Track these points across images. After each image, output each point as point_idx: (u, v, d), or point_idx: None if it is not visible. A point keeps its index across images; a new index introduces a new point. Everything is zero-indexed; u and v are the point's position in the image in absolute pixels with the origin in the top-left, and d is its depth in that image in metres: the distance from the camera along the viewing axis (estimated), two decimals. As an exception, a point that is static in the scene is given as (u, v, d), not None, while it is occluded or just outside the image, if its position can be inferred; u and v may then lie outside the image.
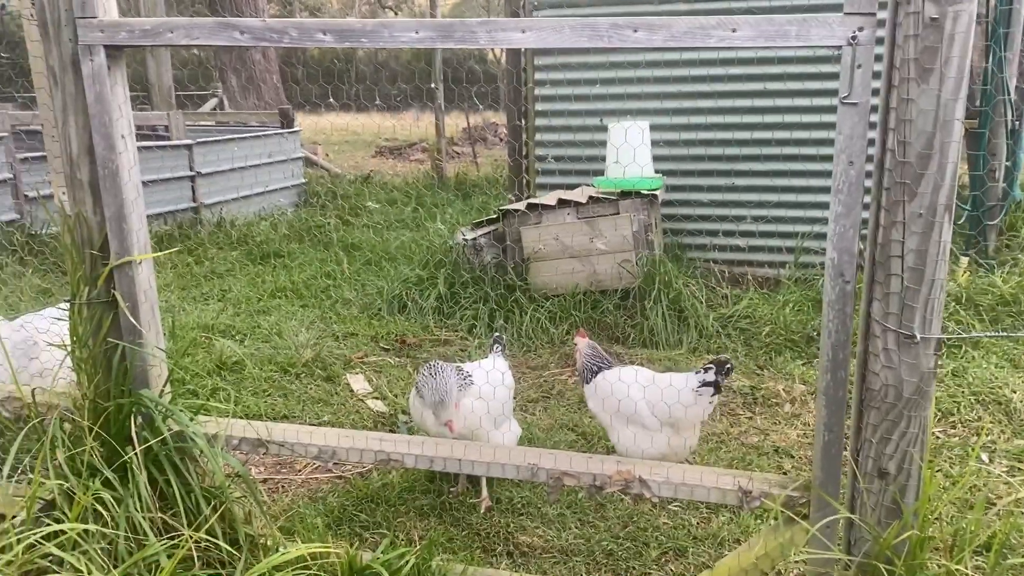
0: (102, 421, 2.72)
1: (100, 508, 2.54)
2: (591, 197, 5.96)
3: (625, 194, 5.93)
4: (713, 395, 3.32)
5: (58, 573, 2.35)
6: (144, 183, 2.84)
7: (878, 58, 2.10)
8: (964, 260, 6.16)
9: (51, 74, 2.68)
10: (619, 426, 3.47)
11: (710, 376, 3.30)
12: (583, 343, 3.77)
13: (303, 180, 11.20)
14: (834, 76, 6.22)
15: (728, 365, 3.32)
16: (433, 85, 12.29)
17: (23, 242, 7.09)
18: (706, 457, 4.01)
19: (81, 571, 2.32)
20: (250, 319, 6.10)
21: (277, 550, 2.65)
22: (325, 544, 2.70)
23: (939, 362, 2.22)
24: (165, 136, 10.32)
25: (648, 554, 3.23)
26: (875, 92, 2.09)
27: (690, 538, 3.33)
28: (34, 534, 2.39)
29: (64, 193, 2.79)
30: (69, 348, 2.83)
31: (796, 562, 2.49)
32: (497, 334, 4.05)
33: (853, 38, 2.09)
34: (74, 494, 2.56)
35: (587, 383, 3.69)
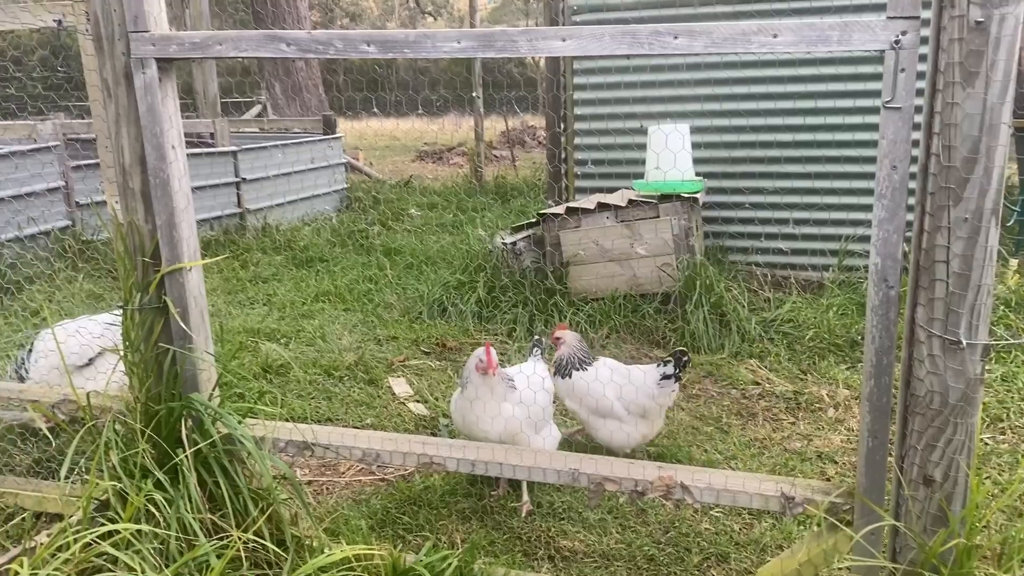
0: (153, 424, 2.80)
1: (152, 508, 2.62)
2: (631, 201, 5.95)
3: (665, 197, 5.91)
4: (675, 384, 3.74)
5: (113, 571, 2.43)
6: (191, 189, 2.91)
7: (922, 59, 2.08)
8: (1013, 263, 6.04)
9: (105, 86, 2.77)
10: (597, 421, 3.81)
11: (670, 369, 3.71)
12: (571, 336, 3.92)
13: (345, 185, 11.33)
14: (877, 77, 6.14)
15: (685, 358, 3.73)
16: (475, 94, 12.36)
17: (76, 248, 7.28)
18: (748, 463, 3.99)
19: (135, 570, 2.39)
20: (294, 323, 6.20)
21: (323, 551, 2.70)
22: (369, 546, 2.74)
23: (986, 368, 2.19)
24: (211, 143, 10.53)
25: (690, 560, 3.22)
26: (919, 93, 2.07)
27: (732, 544, 3.32)
28: (90, 533, 2.46)
29: (117, 202, 2.88)
30: (122, 352, 2.92)
31: (840, 569, 2.48)
32: (536, 337, 4.07)
33: (896, 42, 2.08)
34: (127, 495, 2.63)
35: (565, 377, 3.86)
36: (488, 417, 3.39)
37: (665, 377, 3.70)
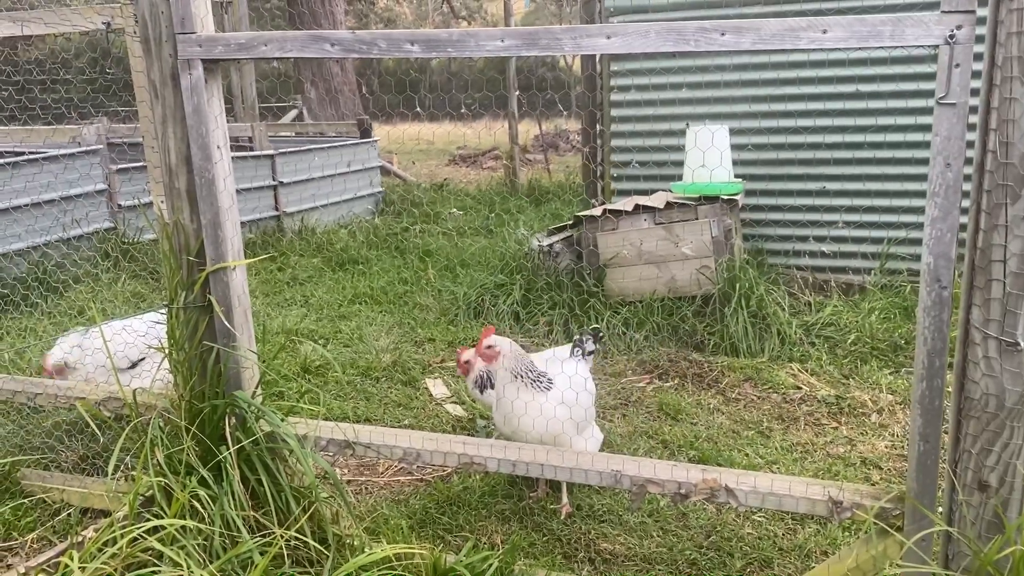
0: (198, 421, 2.83)
1: (196, 505, 2.64)
2: (669, 202, 5.90)
3: (704, 199, 5.86)
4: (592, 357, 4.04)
5: (158, 566, 2.45)
6: (234, 190, 2.94)
7: (976, 57, 2.04)
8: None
9: (152, 88, 2.81)
10: None
11: (590, 345, 3.97)
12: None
13: (380, 188, 11.40)
14: (930, 76, 6.02)
15: (600, 333, 4.18)
16: (516, 92, 12.37)
17: (119, 248, 7.39)
18: (791, 467, 3.93)
19: (180, 565, 2.41)
20: (331, 324, 6.24)
21: (363, 550, 2.70)
22: (410, 545, 2.74)
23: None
24: (249, 147, 10.65)
25: (732, 564, 3.18)
26: (973, 92, 2.03)
27: (776, 549, 3.26)
28: (136, 529, 2.49)
29: (163, 201, 2.91)
30: (167, 351, 2.95)
31: (889, 576, 2.43)
32: (577, 337, 4.04)
33: (951, 37, 2.03)
34: (172, 491, 2.66)
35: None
36: (516, 416, 3.36)
37: (588, 353, 3.94)
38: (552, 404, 3.35)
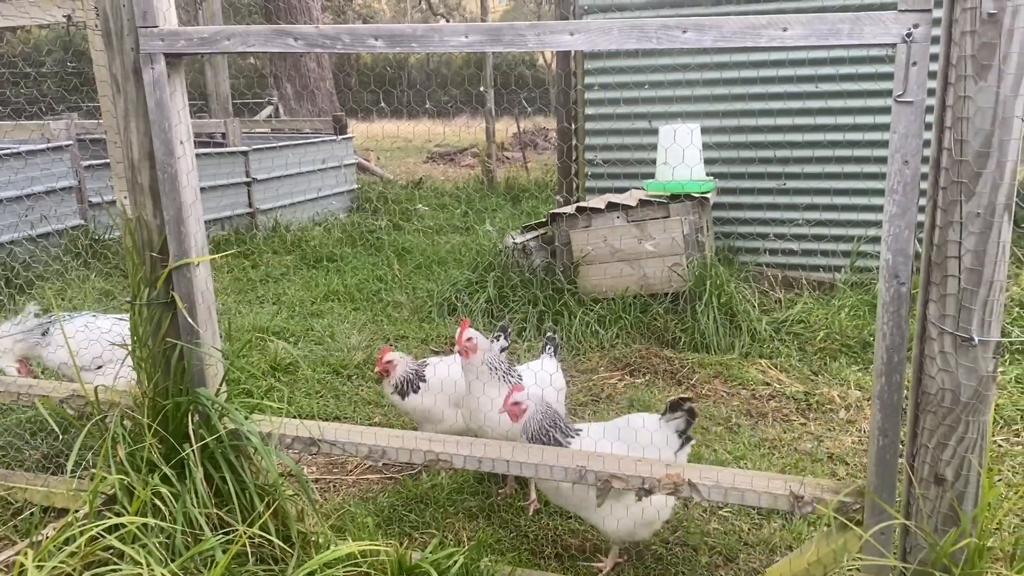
0: (160, 418, 2.80)
1: (159, 503, 2.62)
2: (641, 200, 5.92)
3: (675, 197, 5.89)
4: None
5: (119, 565, 2.42)
6: (202, 189, 2.91)
7: (933, 57, 2.06)
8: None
9: (114, 82, 2.78)
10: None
11: (503, 342, 4.01)
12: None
13: (356, 186, 11.34)
14: (888, 76, 6.07)
15: (509, 329, 4.18)
16: (483, 88, 12.36)
17: (87, 246, 7.31)
18: (758, 463, 3.96)
19: (140, 563, 2.39)
20: (303, 322, 6.21)
21: (328, 548, 2.69)
22: (375, 542, 2.73)
23: (1000, 368, 2.17)
24: (222, 143, 10.56)
25: (698, 560, 3.19)
26: (930, 92, 2.05)
27: (741, 544, 3.29)
28: (96, 527, 2.46)
29: (126, 197, 2.88)
30: (130, 347, 2.92)
31: (850, 570, 2.45)
32: (549, 335, 4.04)
33: (908, 35, 2.05)
34: (134, 489, 2.63)
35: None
36: (482, 412, 3.36)
37: (502, 350, 3.96)
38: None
